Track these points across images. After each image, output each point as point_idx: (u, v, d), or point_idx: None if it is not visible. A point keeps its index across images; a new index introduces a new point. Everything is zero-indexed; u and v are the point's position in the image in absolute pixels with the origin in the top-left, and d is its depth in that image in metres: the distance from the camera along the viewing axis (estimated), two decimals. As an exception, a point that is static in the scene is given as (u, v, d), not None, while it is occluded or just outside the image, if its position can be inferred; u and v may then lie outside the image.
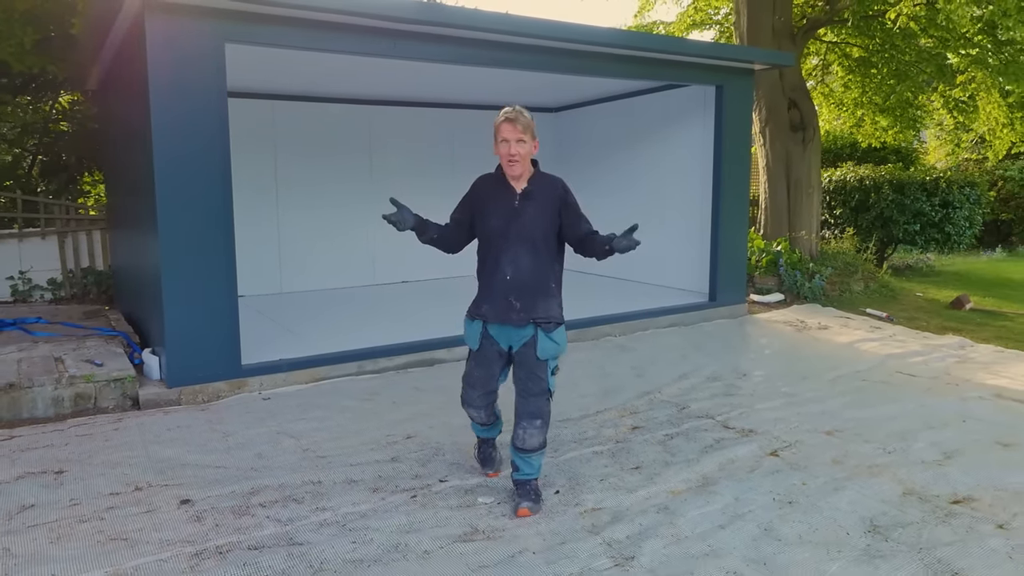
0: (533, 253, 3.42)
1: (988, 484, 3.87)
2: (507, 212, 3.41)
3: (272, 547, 3.19)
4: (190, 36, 4.89)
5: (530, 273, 3.42)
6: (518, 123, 3.33)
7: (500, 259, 3.43)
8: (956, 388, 5.65)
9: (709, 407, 5.14)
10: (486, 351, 3.53)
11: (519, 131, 3.33)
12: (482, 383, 3.58)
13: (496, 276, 3.43)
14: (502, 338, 3.49)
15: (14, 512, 3.49)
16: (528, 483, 3.56)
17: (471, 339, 3.57)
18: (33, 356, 5.29)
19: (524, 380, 3.49)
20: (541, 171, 3.52)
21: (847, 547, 3.22)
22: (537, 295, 3.44)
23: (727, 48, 8.28)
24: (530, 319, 3.41)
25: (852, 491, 3.78)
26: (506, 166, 3.40)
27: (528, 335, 3.44)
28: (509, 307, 3.41)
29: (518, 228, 3.40)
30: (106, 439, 4.43)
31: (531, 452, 3.50)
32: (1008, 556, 3.14)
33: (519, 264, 3.41)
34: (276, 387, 5.42)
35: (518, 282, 3.41)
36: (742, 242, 8.27)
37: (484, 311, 3.48)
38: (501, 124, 3.36)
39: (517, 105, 3.41)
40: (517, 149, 3.34)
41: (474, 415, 3.71)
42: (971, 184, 11.81)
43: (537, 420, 3.48)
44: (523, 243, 3.40)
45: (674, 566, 3.05)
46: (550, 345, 3.45)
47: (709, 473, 4.01)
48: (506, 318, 3.42)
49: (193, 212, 5.05)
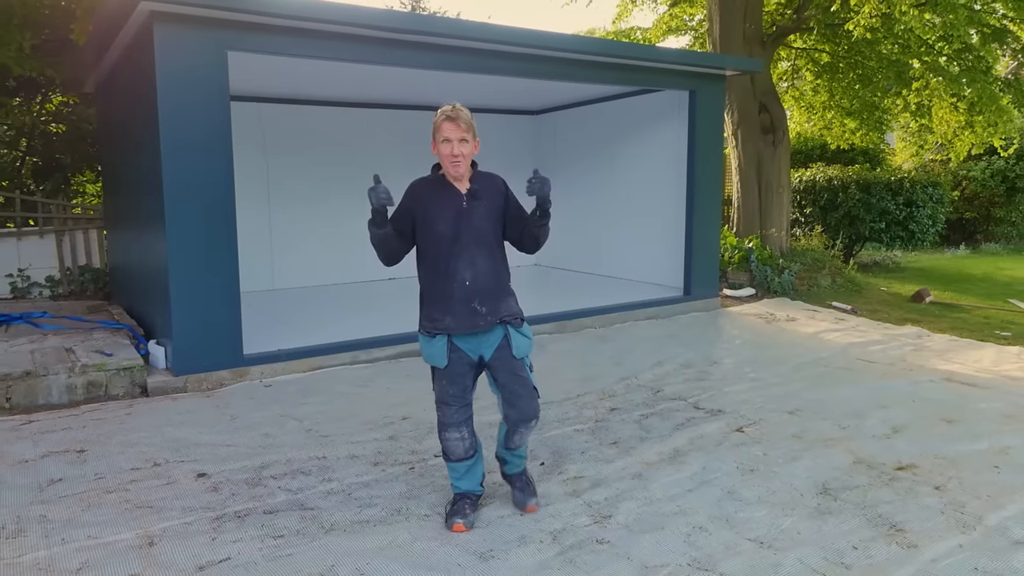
0: (489, 254, 3.28)
1: (930, 453, 4.30)
2: (455, 215, 3.22)
3: (285, 511, 3.53)
4: (195, 44, 5.21)
5: (489, 275, 3.27)
6: (460, 121, 3.15)
7: (455, 265, 3.22)
8: (910, 373, 6.10)
9: (682, 390, 5.54)
10: (456, 366, 3.31)
11: (462, 129, 3.15)
12: (457, 398, 3.34)
13: (453, 283, 3.22)
14: (471, 348, 3.30)
15: (44, 485, 3.80)
16: (522, 475, 3.56)
17: (436, 357, 3.30)
18: (45, 347, 5.58)
19: (509, 384, 3.32)
20: (480, 170, 3.37)
21: (800, 506, 3.62)
22: (498, 297, 3.30)
23: (699, 55, 8.71)
24: (497, 320, 3.27)
25: (808, 460, 4.19)
26: (449, 167, 3.22)
27: (499, 337, 3.30)
28: (474, 314, 3.23)
29: (470, 229, 3.22)
30: (121, 422, 4.74)
31: (520, 446, 3.48)
32: (940, 511, 3.56)
33: (477, 267, 3.23)
34: (276, 375, 5.74)
35: (479, 286, 3.23)
36: (715, 239, 8.70)
37: (447, 323, 3.24)
38: (442, 123, 3.17)
39: (456, 103, 3.23)
40: (460, 149, 3.16)
41: (454, 441, 3.36)
42: (934, 184, 12.37)
43: (532, 421, 3.39)
44: (478, 245, 3.24)
45: (646, 522, 3.43)
46: (524, 341, 3.35)
47: (680, 447, 4.40)
48: (473, 326, 3.23)
49: (198, 211, 5.37)
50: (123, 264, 7.65)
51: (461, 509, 3.38)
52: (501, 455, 3.55)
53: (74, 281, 8.51)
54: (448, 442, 3.37)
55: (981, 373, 6.10)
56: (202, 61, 5.24)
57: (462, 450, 3.37)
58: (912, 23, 7.68)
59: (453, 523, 3.34)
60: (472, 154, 3.25)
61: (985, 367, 6.31)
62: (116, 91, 7.04)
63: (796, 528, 3.39)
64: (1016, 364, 6.42)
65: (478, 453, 3.45)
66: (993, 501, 3.67)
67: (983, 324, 8.28)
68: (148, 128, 5.47)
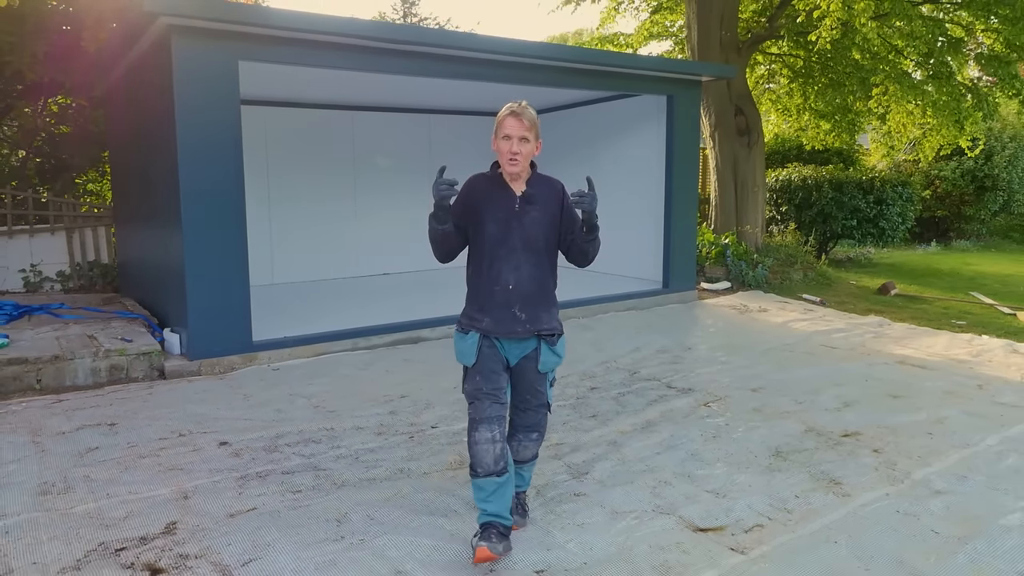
0: (536, 261, 3.15)
1: (873, 423, 4.82)
2: (507, 216, 3.10)
3: (301, 472, 4.01)
4: (210, 55, 5.66)
5: (533, 282, 3.14)
6: (524, 118, 3.04)
7: (500, 268, 3.11)
8: (867, 357, 6.63)
9: (656, 372, 6.05)
10: (488, 360, 3.16)
11: (524, 127, 3.04)
12: (491, 396, 3.12)
13: (497, 286, 3.12)
14: (503, 350, 3.19)
15: (83, 452, 4.26)
16: (517, 496, 3.40)
17: (466, 355, 3.19)
18: (68, 334, 6.01)
19: (523, 393, 3.24)
20: (539, 172, 3.26)
21: (754, 465, 4.13)
22: (540, 306, 3.17)
23: (676, 63, 9.21)
24: (535, 332, 3.15)
25: (765, 429, 4.70)
26: (506, 164, 3.09)
27: (530, 348, 3.18)
28: (513, 319, 3.12)
29: (520, 234, 3.11)
30: (144, 401, 5.20)
31: (523, 463, 3.34)
32: (875, 468, 4.08)
33: (522, 273, 3.12)
34: (283, 360, 6.20)
35: (521, 293, 3.12)
36: (692, 235, 9.23)
37: (485, 325, 3.14)
38: (505, 119, 3.05)
39: (523, 101, 3.14)
40: (520, 148, 3.05)
41: (484, 443, 3.04)
42: (903, 183, 12.96)
43: (534, 433, 3.29)
44: (526, 250, 3.12)
45: (618, 479, 3.93)
46: (552, 359, 3.22)
47: (652, 419, 4.90)
48: (510, 331, 3.12)
49: (211, 209, 5.82)
50: (134, 259, 8.08)
51: (488, 536, 3.01)
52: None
53: (83, 276, 8.93)
54: (477, 445, 3.05)
55: (932, 357, 6.64)
56: (216, 70, 5.69)
57: (491, 458, 3.02)
58: (870, 35, 8.23)
59: (478, 547, 2.97)
60: (532, 155, 3.13)
61: (937, 352, 6.85)
62: (128, 96, 7.46)
63: (748, 482, 3.90)
64: (965, 349, 6.97)
65: (509, 473, 3.08)
66: (922, 461, 4.19)
67: (942, 314, 8.84)
68: (164, 132, 5.91)
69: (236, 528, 3.37)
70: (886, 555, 3.15)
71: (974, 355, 6.72)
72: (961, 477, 3.97)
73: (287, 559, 3.10)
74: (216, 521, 3.44)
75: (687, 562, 3.10)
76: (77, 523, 3.40)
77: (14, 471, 3.97)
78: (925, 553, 3.17)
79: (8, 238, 8.51)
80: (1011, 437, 4.58)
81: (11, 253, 8.54)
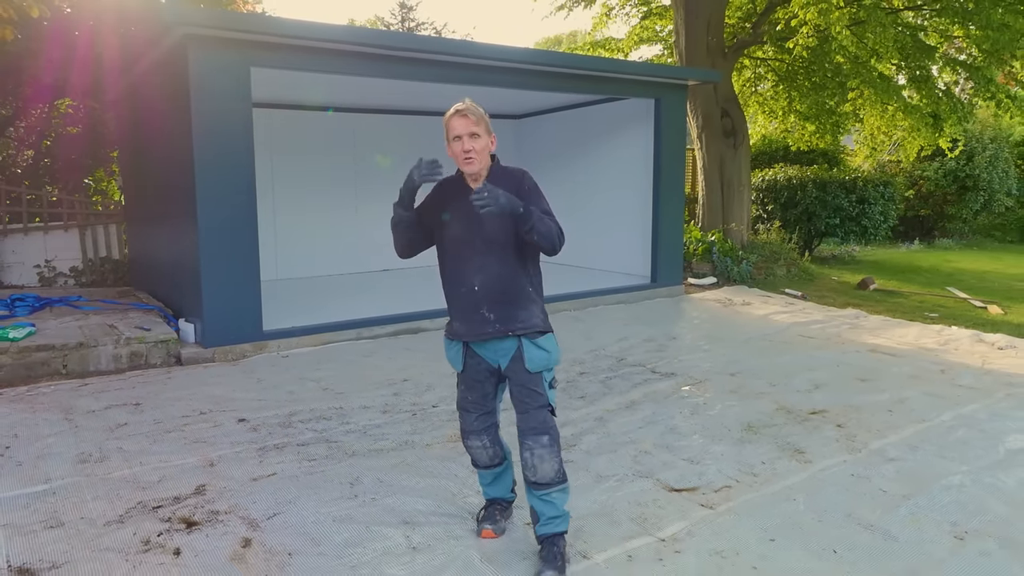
0: (502, 258, 3.05)
1: (839, 403, 5.24)
2: (467, 216, 2.99)
3: (315, 444, 4.40)
4: (224, 62, 6.05)
5: (501, 280, 3.04)
6: (469, 114, 2.98)
7: (465, 269, 3.06)
8: (841, 345, 7.05)
9: (642, 359, 6.46)
10: (473, 371, 3.16)
11: (471, 123, 2.98)
12: (476, 405, 3.18)
13: (462, 288, 3.08)
14: (488, 355, 3.11)
15: (113, 427, 4.64)
16: (554, 542, 3.04)
17: (454, 361, 3.20)
18: (90, 324, 6.40)
19: (519, 396, 3.08)
20: (502, 165, 3.15)
21: (727, 437, 4.54)
22: (513, 304, 3.05)
23: (663, 68, 9.65)
24: (507, 331, 3.03)
25: (739, 408, 5.11)
26: (462, 164, 3.03)
27: (512, 348, 3.06)
28: (483, 321, 3.04)
29: (480, 233, 3.02)
30: (164, 384, 5.59)
31: (548, 486, 3.02)
32: (836, 440, 4.49)
33: (488, 272, 3.03)
34: (291, 348, 6.59)
35: (489, 292, 3.03)
36: (678, 233, 9.65)
37: (457, 329, 3.12)
38: (451, 119, 3.00)
39: (466, 99, 3.09)
40: (471, 144, 2.98)
41: (476, 448, 3.21)
42: (885, 183, 13.41)
43: (543, 436, 3.03)
44: (489, 249, 3.03)
45: (603, 448, 4.34)
46: (539, 354, 3.06)
47: (636, 399, 5.31)
48: (480, 333, 3.05)
49: (224, 207, 6.20)
50: (147, 254, 8.46)
51: (491, 515, 3.32)
52: (529, 499, 3.11)
53: (95, 271, 9.30)
54: (471, 450, 3.26)
55: (902, 346, 7.06)
56: (229, 76, 6.08)
57: (486, 458, 3.25)
58: (845, 42, 8.67)
59: (482, 529, 3.29)
60: (487, 150, 3.05)
61: (907, 341, 7.28)
62: (141, 99, 7.84)
63: (721, 451, 4.31)
64: (934, 339, 7.39)
65: (506, 460, 3.31)
66: (880, 434, 4.61)
67: (917, 307, 9.27)
68: (180, 134, 6.30)
69: (259, 489, 3.76)
70: (838, 509, 3.57)
71: (942, 344, 7.14)
72: (913, 447, 4.39)
73: (308, 513, 3.49)
74: (241, 484, 3.83)
75: (661, 515, 3.50)
76: (116, 486, 3.79)
77: (53, 443, 4.36)
78: (872, 507, 3.58)
79: (24, 235, 8.89)
80: (964, 414, 5.00)
81: (26, 249, 8.92)
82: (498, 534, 3.28)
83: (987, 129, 16.83)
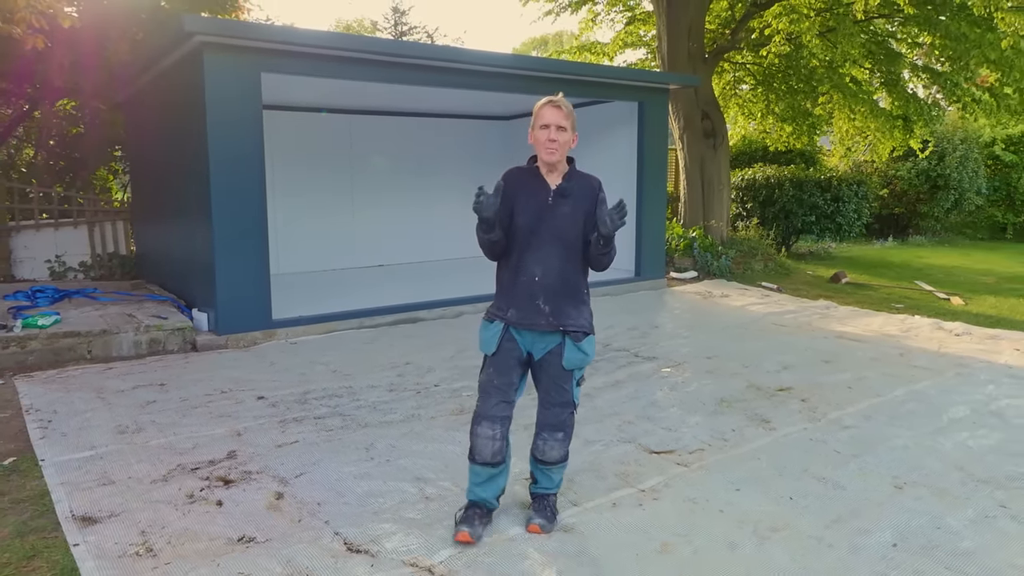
0: (564, 255, 3.16)
1: (805, 382, 5.76)
2: (539, 208, 3.13)
3: (330, 417, 4.86)
4: (237, 68, 6.48)
5: (560, 276, 3.16)
6: (562, 108, 3.10)
7: (527, 258, 3.15)
8: (810, 332, 7.59)
9: (627, 344, 6.96)
10: (505, 356, 3.22)
11: (562, 116, 3.09)
12: (500, 391, 3.22)
13: (522, 276, 3.16)
14: (525, 343, 3.22)
15: (143, 404, 5.08)
16: (546, 497, 3.37)
17: (487, 343, 3.25)
18: (110, 313, 6.81)
19: (547, 389, 3.23)
20: (577, 168, 3.29)
21: (702, 410, 5.05)
22: (567, 301, 3.18)
23: (645, 73, 10.16)
24: (559, 327, 3.16)
25: (714, 385, 5.62)
26: (543, 152, 3.12)
27: (554, 343, 3.19)
28: (537, 311, 3.14)
29: (550, 227, 3.13)
30: (184, 367, 6.02)
31: (551, 464, 3.31)
32: (799, 412, 5.01)
33: (548, 265, 3.14)
34: (298, 336, 7.04)
35: (546, 285, 3.14)
36: (661, 229, 10.16)
37: (509, 315, 3.19)
38: (543, 108, 3.11)
39: (559, 93, 3.24)
40: (557, 135, 3.08)
41: (485, 438, 3.21)
42: (859, 182, 14.00)
43: (559, 433, 3.27)
44: (554, 243, 3.14)
45: (590, 419, 4.83)
46: (578, 356, 3.21)
47: (620, 379, 5.81)
48: (533, 323, 3.16)
49: (236, 204, 6.64)
50: (157, 249, 8.87)
51: (470, 519, 3.24)
52: (532, 467, 3.41)
53: (104, 266, 9.69)
54: (478, 438, 3.22)
55: (867, 332, 7.61)
56: (242, 81, 6.52)
57: (490, 452, 3.20)
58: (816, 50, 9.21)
59: (460, 531, 3.18)
60: (568, 146, 3.17)
61: (873, 329, 7.83)
62: (153, 103, 8.25)
63: (696, 421, 4.82)
64: (898, 327, 7.95)
65: (505, 464, 3.27)
66: (838, 406, 5.13)
67: (885, 299, 9.84)
68: (194, 136, 6.72)
69: (285, 453, 4.22)
70: (795, 465, 4.08)
71: (904, 331, 7.70)
72: (867, 417, 4.91)
73: (331, 472, 3.96)
74: (267, 449, 4.29)
75: (642, 472, 4.00)
76: (155, 452, 4.24)
77: (90, 417, 4.79)
78: (825, 464, 4.10)
79: (35, 231, 9.27)
80: (916, 390, 5.54)
81: (37, 245, 9.30)
82: (474, 539, 3.16)
83: (957, 131, 17.48)
